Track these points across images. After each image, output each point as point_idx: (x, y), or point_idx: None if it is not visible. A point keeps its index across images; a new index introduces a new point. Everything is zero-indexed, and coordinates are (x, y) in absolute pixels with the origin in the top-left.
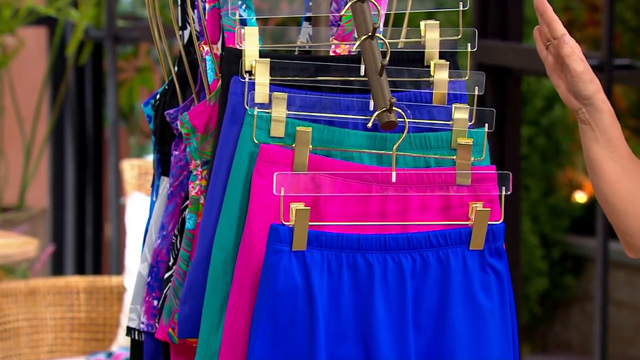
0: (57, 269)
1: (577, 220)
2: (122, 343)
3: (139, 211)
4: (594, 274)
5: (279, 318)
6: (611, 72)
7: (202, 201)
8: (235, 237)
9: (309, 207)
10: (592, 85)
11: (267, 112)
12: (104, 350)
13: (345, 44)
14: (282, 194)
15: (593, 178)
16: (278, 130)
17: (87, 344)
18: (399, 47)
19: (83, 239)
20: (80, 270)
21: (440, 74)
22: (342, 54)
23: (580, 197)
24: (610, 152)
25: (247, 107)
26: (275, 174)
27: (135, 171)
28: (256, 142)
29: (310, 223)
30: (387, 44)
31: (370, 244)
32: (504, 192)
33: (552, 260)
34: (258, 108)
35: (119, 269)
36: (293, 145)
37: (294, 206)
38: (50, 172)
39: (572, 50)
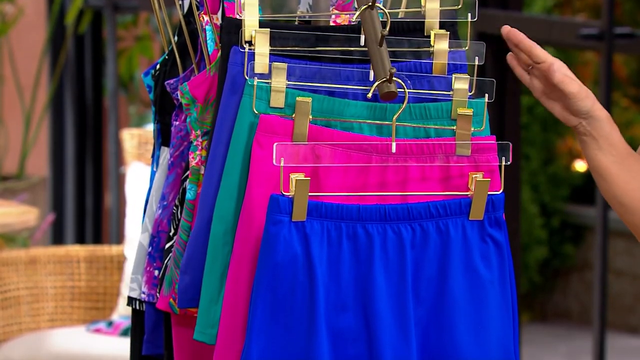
0: (58, 237)
1: (577, 189)
2: (122, 312)
3: (139, 180)
4: (594, 243)
5: (278, 288)
6: (611, 40)
7: (202, 171)
8: (235, 208)
9: (309, 178)
10: (588, 100)
11: (267, 83)
12: (105, 319)
13: (345, 14)
14: (282, 164)
15: (602, 184)
16: (278, 100)
17: (87, 312)
18: (399, 17)
19: (83, 208)
20: (80, 239)
21: (441, 44)
22: (342, 23)
23: (580, 165)
24: (614, 157)
25: (247, 78)
26: (275, 144)
27: (135, 140)
28: (256, 112)
29: (310, 193)
30: (387, 14)
31: (370, 215)
32: (504, 162)
33: (552, 229)
34: (258, 78)
35: (119, 238)
36: (293, 116)
37: (294, 176)
38: (50, 140)
39: (563, 76)
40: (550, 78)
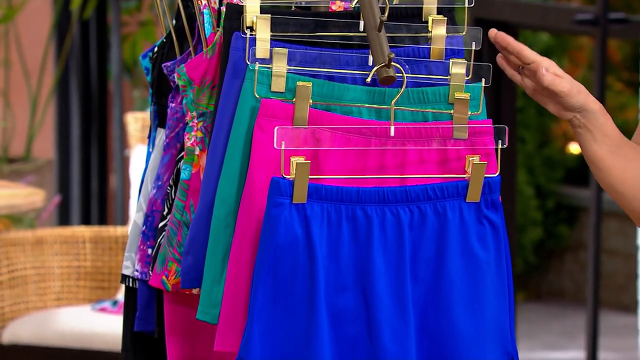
0: (63, 219)
1: (571, 171)
2: None
3: (143, 163)
4: (588, 224)
5: (279, 269)
6: (606, 26)
7: (197, 152)
8: (237, 190)
9: (309, 161)
10: (580, 96)
11: (268, 68)
12: (110, 298)
13: (343, 1)
14: (282, 147)
15: (599, 174)
16: (279, 85)
17: (92, 292)
18: (397, 3)
19: (88, 189)
20: (85, 220)
21: (438, 30)
22: (338, 10)
23: (575, 148)
24: (609, 147)
25: (249, 63)
26: (276, 128)
27: (139, 124)
28: (257, 96)
29: (310, 176)
30: (386, 0)
31: (369, 197)
32: (500, 146)
33: (547, 210)
34: (259, 63)
35: (124, 219)
36: (293, 100)
37: (295, 160)
38: (56, 124)
39: (553, 77)
40: (541, 82)
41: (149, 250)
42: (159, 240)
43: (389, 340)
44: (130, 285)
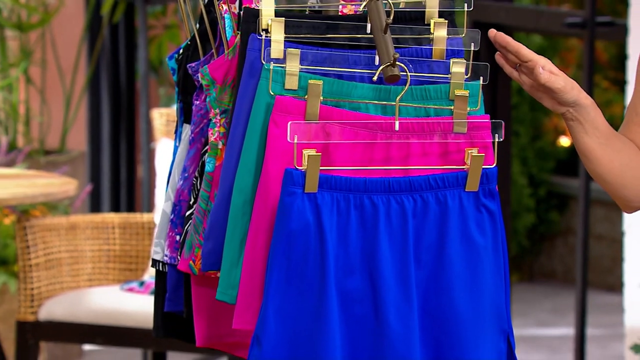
0: (95, 206)
1: (562, 162)
2: (152, 273)
3: (167, 155)
4: (576, 211)
5: (292, 254)
6: (593, 28)
7: (220, 146)
8: (254, 181)
9: (320, 153)
10: (574, 91)
11: (282, 67)
12: (137, 279)
13: (353, 4)
14: (295, 141)
15: (589, 165)
16: (292, 83)
17: (121, 273)
18: (401, 7)
19: (118, 179)
20: (115, 207)
21: (440, 32)
22: (349, 13)
23: (565, 141)
24: (598, 138)
25: (264, 62)
26: (290, 123)
27: (164, 119)
28: (272, 94)
29: (321, 167)
30: (391, 4)
31: (375, 187)
32: (496, 139)
33: (539, 198)
34: (274, 63)
35: (150, 207)
36: (305, 97)
37: (307, 152)
38: (88, 119)
39: (549, 75)
40: (538, 79)
41: (177, 237)
42: (186, 228)
43: (393, 320)
44: (160, 269)
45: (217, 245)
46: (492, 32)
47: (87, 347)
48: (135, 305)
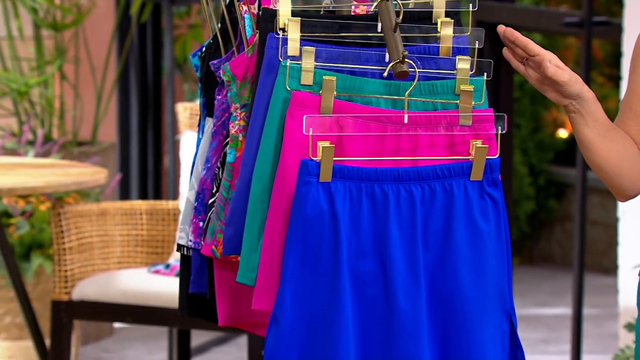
0: (124, 194)
1: (560, 152)
2: (177, 256)
3: (191, 146)
4: (574, 198)
5: (308, 239)
6: (590, 28)
7: (240, 138)
8: (271, 170)
9: (334, 145)
10: (577, 85)
11: (298, 64)
12: (163, 262)
13: (364, 5)
14: (310, 133)
15: (588, 155)
16: (307, 79)
17: (148, 256)
18: (410, 7)
19: (145, 168)
20: (143, 195)
21: (446, 30)
22: (361, 13)
23: (563, 133)
24: (598, 130)
25: (281, 59)
26: (305, 116)
27: (188, 112)
28: (289, 89)
29: (334, 158)
30: (400, 5)
31: (385, 176)
32: (499, 131)
33: (539, 186)
34: (290, 60)
35: (175, 195)
36: (320, 92)
37: (321, 144)
38: (117, 112)
39: (556, 68)
40: (545, 72)
41: (201, 223)
42: (209, 215)
43: (403, 300)
44: (185, 253)
45: (238, 231)
46: (502, 27)
47: (117, 324)
48: (162, 286)
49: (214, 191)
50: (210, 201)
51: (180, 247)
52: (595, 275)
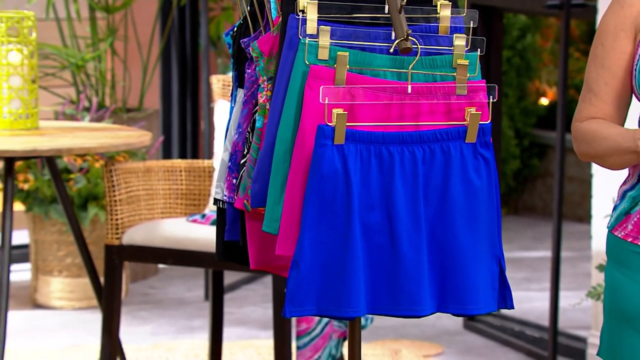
0: (166, 153)
1: (542, 118)
2: (212, 208)
3: (223, 113)
4: (554, 157)
5: (324, 194)
6: (569, 9)
7: (267, 107)
8: (292, 134)
9: (346, 112)
10: None
11: (316, 41)
12: (199, 212)
13: None
14: (326, 102)
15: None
16: (324, 54)
17: (187, 208)
18: None
19: (184, 132)
20: (182, 154)
21: (445, 12)
22: None
23: (544, 101)
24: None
25: (301, 37)
26: (322, 87)
27: (221, 84)
28: (307, 63)
29: (347, 124)
30: None
31: (391, 139)
32: (491, 100)
33: (523, 147)
34: (309, 38)
35: (210, 154)
36: (335, 66)
37: (335, 111)
38: (160, 83)
39: None
40: None
41: (234, 180)
42: (241, 173)
43: (406, 247)
44: (221, 206)
45: (263, 187)
46: None
47: (160, 265)
48: (198, 233)
49: (245, 152)
50: (242, 161)
51: (216, 201)
52: (571, 223)
